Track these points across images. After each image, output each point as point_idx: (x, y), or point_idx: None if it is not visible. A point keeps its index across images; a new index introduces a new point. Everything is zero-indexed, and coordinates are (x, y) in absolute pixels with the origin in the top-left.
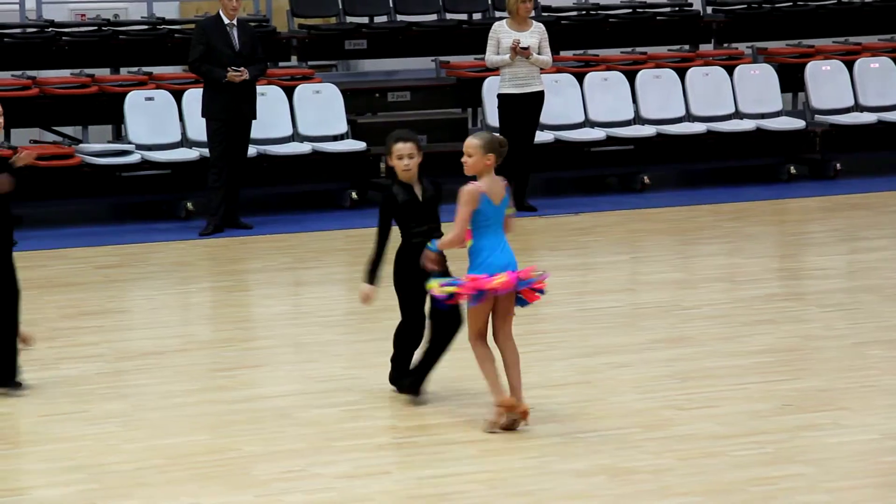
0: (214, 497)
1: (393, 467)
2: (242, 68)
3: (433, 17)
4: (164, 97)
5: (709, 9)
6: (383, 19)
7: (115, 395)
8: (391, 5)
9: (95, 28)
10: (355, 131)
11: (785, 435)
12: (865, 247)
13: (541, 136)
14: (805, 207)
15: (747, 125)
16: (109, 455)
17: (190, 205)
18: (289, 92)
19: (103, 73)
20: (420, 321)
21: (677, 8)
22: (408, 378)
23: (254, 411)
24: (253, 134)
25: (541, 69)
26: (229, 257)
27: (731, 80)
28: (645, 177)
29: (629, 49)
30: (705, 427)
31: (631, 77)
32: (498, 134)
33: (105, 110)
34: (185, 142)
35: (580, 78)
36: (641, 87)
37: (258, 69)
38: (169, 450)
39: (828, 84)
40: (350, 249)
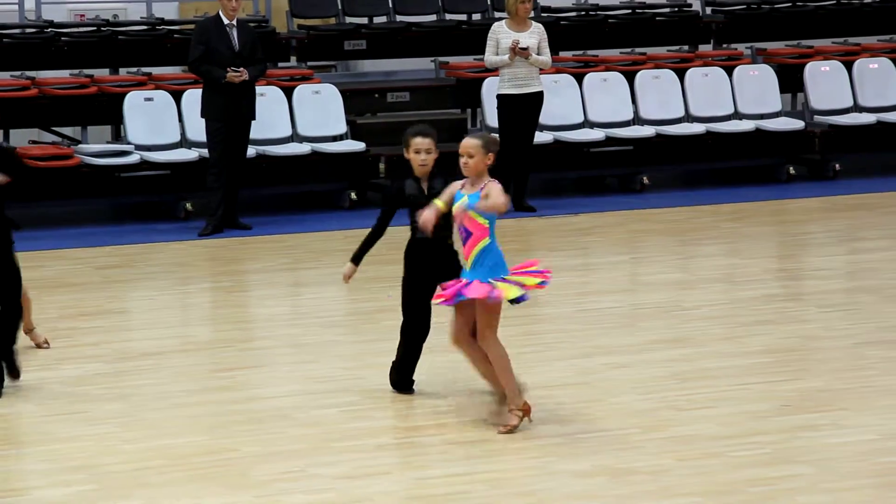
0: (214, 497)
1: (393, 468)
2: (242, 69)
3: (432, 18)
4: (164, 98)
5: (708, 9)
6: (383, 20)
7: (115, 396)
8: (390, 6)
9: (94, 28)
10: (354, 132)
11: (784, 435)
12: (865, 247)
13: (540, 137)
14: (804, 208)
15: (746, 126)
16: (109, 456)
17: (189, 205)
18: (288, 92)
19: (102, 74)
20: (422, 319)
21: (676, 8)
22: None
23: (253, 412)
24: (252, 134)
25: (540, 70)
26: (229, 258)
27: (731, 81)
28: (644, 177)
29: (628, 50)
30: (705, 428)
31: (630, 78)
32: (488, 133)
33: (104, 111)
34: (185, 142)
35: (579, 78)
36: (641, 88)
37: (258, 70)
38: (169, 450)
39: (827, 85)
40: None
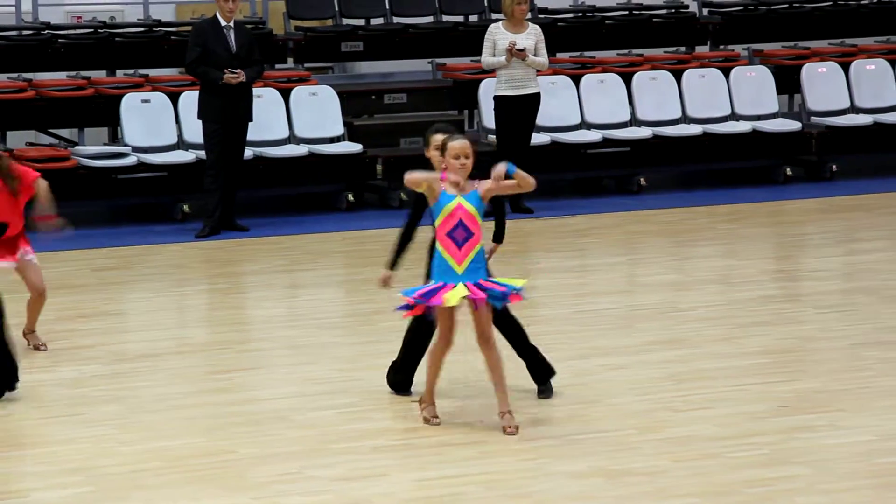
0: (211, 499)
1: (390, 469)
2: (239, 70)
3: (429, 19)
4: (161, 99)
5: (705, 11)
6: (379, 21)
7: (112, 398)
8: (387, 7)
9: (91, 30)
10: (351, 133)
11: (781, 436)
12: (862, 248)
13: (537, 138)
14: (801, 209)
15: (743, 127)
16: (106, 458)
17: (186, 207)
18: (285, 94)
19: (99, 76)
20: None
21: (673, 10)
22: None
23: (250, 413)
24: (249, 136)
25: (537, 71)
26: (226, 259)
27: (727, 82)
28: (641, 179)
29: (625, 51)
30: (702, 429)
31: (627, 79)
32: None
33: (101, 113)
34: (182, 144)
35: (576, 80)
36: (637, 89)
37: (255, 71)
38: (166, 452)
39: (824, 86)
40: (346, 251)
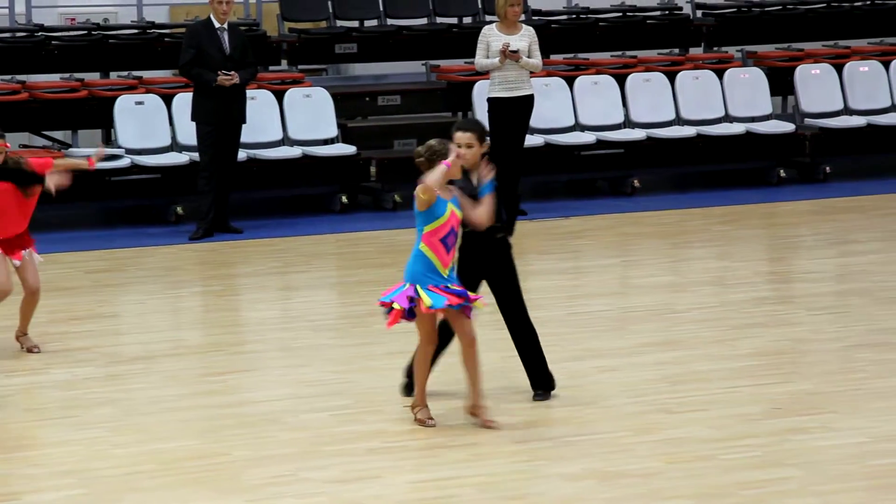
0: (205, 502)
1: (384, 471)
2: (232, 72)
3: (423, 21)
4: (154, 101)
5: (698, 12)
6: (373, 23)
7: (106, 400)
8: (381, 9)
9: (85, 32)
10: (345, 135)
11: (775, 438)
12: (855, 250)
13: (531, 140)
14: (795, 211)
15: (737, 129)
16: (100, 460)
17: (180, 209)
18: (279, 96)
19: (93, 78)
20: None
21: (667, 12)
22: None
23: (244, 416)
24: (243, 138)
25: (531, 73)
26: (219, 261)
27: (721, 84)
28: (635, 180)
29: (619, 53)
30: (696, 430)
31: (621, 81)
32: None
33: (95, 114)
34: (175, 146)
35: (570, 81)
36: (631, 91)
37: (248, 73)
38: (159, 455)
39: (817, 87)
40: (340, 253)
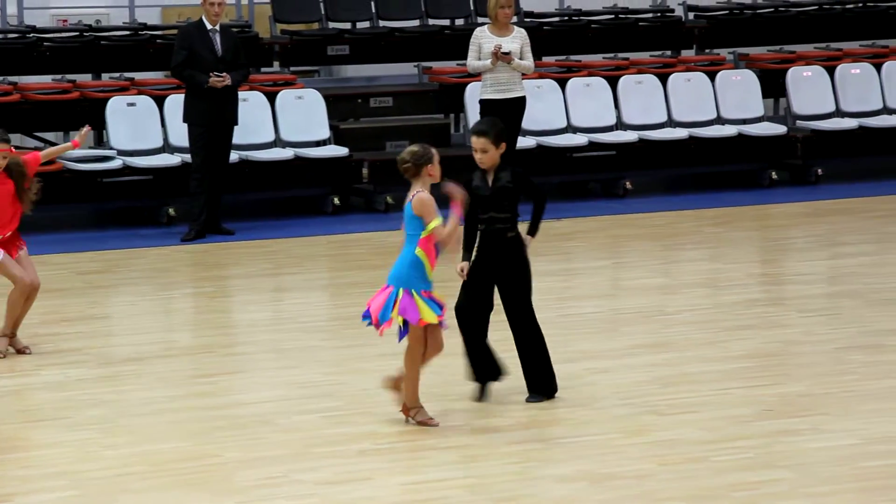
0: (196, 503)
1: (375, 473)
2: (224, 74)
3: (415, 23)
4: (146, 103)
5: (690, 15)
6: (366, 25)
7: (97, 402)
8: (373, 11)
9: (77, 34)
10: (337, 137)
11: (766, 440)
12: (846, 252)
13: (523, 142)
14: (786, 213)
15: (729, 131)
16: (91, 462)
17: (172, 210)
18: (271, 97)
19: (85, 79)
20: (471, 305)
21: (659, 14)
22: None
23: (235, 417)
24: (235, 139)
25: (523, 74)
26: (211, 263)
27: (713, 86)
28: (627, 182)
29: (611, 55)
30: (687, 432)
31: (613, 83)
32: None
33: (87, 116)
34: (167, 147)
35: (562, 83)
36: (623, 93)
37: (240, 74)
38: (151, 456)
39: (809, 90)
40: (332, 255)
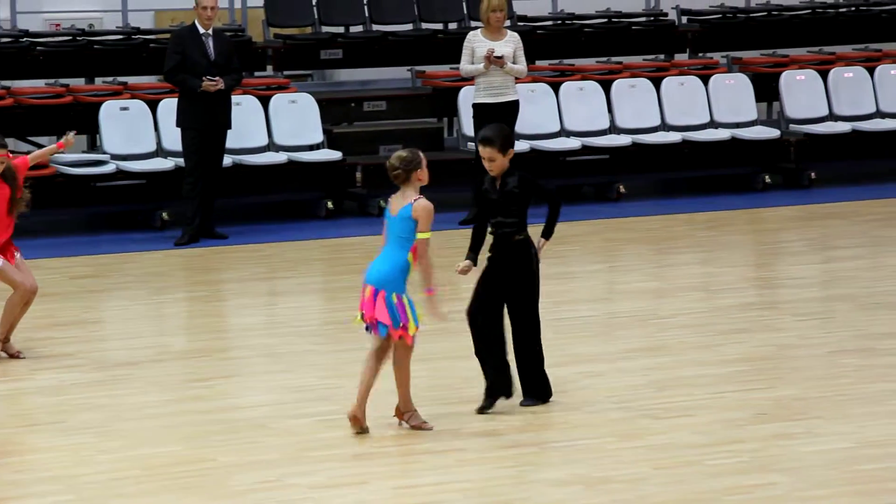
0: None
1: (369, 477)
2: (217, 78)
3: (409, 27)
4: (139, 107)
5: (683, 18)
6: (359, 29)
7: (91, 406)
8: (367, 15)
9: (70, 38)
10: (331, 141)
11: (760, 444)
12: (840, 255)
13: (516, 146)
14: (780, 216)
15: (722, 134)
16: (85, 466)
17: (165, 214)
18: (264, 101)
19: (78, 83)
20: (476, 309)
21: (652, 18)
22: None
23: (229, 421)
24: (228, 143)
25: (516, 78)
26: (204, 267)
27: (706, 90)
28: (620, 186)
29: (604, 59)
30: (681, 436)
31: (606, 86)
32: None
33: (80, 120)
34: (161, 151)
35: (556, 87)
36: (617, 97)
37: (233, 79)
38: (144, 460)
39: (802, 93)
40: (325, 259)
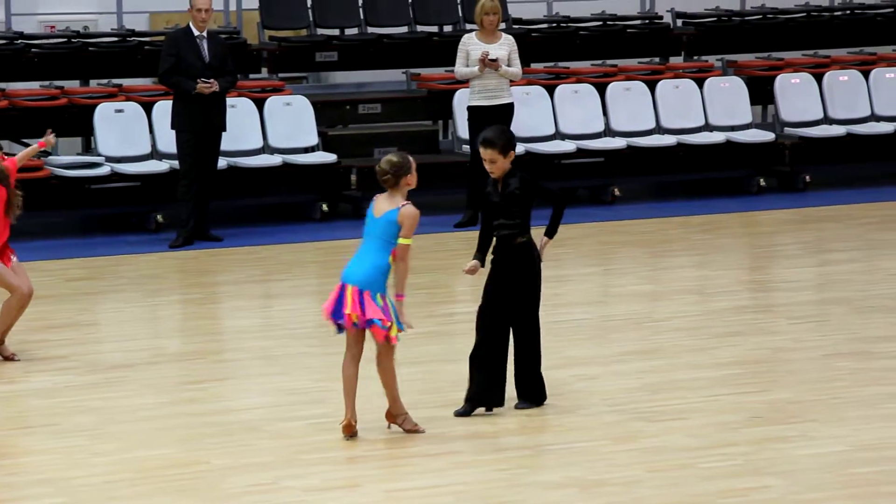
0: None
1: (363, 480)
2: (212, 80)
3: (404, 30)
4: (134, 109)
5: (679, 22)
6: (354, 31)
7: (85, 409)
8: (362, 17)
9: (65, 40)
10: (326, 143)
11: (754, 447)
12: (834, 259)
13: None
14: (774, 220)
15: (717, 137)
16: (79, 468)
17: (160, 217)
18: (259, 104)
19: (73, 85)
20: (489, 309)
21: (647, 21)
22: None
23: (223, 424)
24: (223, 146)
25: (511, 81)
26: (199, 269)
27: (701, 93)
28: (615, 189)
29: (599, 62)
30: (675, 439)
31: (601, 89)
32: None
33: (74, 122)
34: (155, 154)
35: (551, 90)
36: (612, 100)
37: (228, 81)
38: (139, 463)
39: (797, 97)
40: (320, 262)
